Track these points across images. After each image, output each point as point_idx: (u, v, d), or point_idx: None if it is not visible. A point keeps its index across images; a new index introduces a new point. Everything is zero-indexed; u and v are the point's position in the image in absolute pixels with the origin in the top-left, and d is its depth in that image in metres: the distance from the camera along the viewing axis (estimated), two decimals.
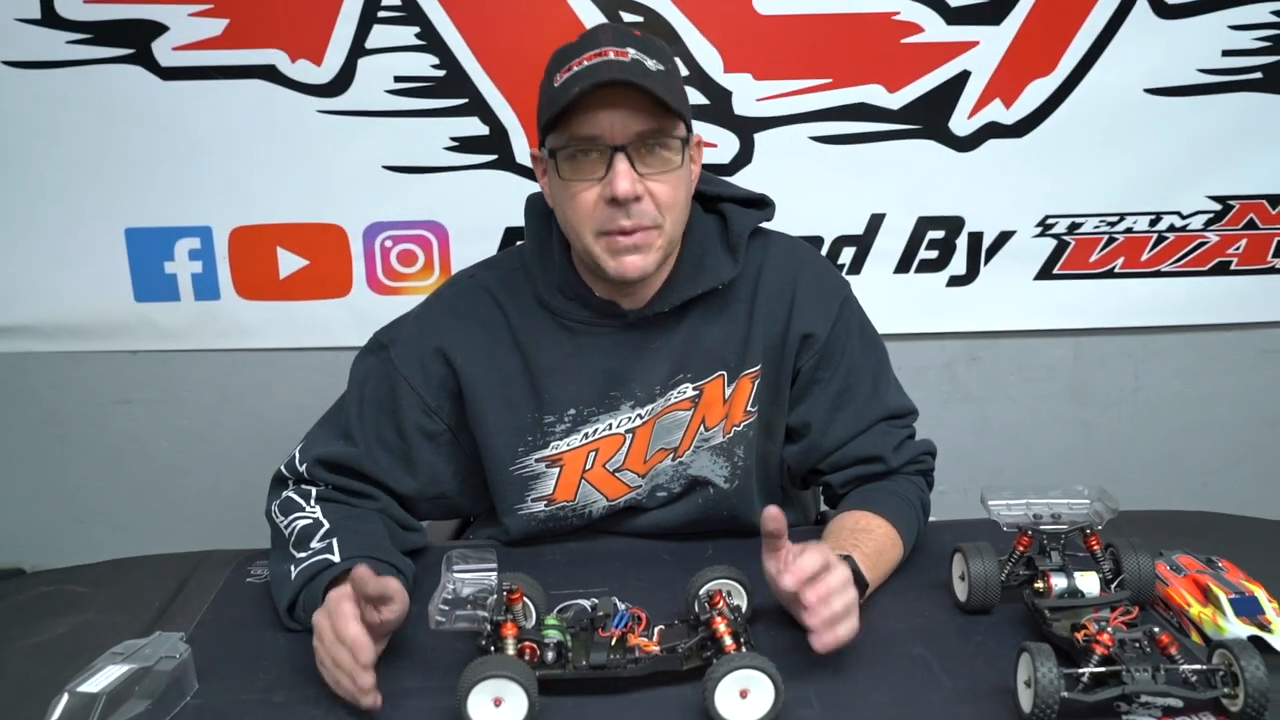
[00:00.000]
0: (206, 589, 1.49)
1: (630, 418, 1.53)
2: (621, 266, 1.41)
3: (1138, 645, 1.14)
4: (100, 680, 1.13)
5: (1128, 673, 1.10)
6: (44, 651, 1.34)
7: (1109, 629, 1.16)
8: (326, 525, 1.40)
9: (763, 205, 1.57)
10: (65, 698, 1.10)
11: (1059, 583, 1.29)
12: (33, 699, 1.17)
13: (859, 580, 1.30)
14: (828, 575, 1.21)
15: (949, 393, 2.51)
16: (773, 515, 1.21)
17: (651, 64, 1.37)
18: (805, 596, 1.18)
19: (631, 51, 1.37)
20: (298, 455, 1.52)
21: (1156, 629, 1.16)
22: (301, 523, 1.42)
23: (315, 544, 1.37)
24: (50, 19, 2.15)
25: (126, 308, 2.32)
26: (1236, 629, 1.24)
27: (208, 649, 1.28)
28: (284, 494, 1.49)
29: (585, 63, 1.35)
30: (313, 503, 1.46)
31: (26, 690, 1.23)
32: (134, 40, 2.16)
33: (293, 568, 1.36)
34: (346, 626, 1.16)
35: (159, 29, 2.15)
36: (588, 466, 1.55)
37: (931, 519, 1.59)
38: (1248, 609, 1.27)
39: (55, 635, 1.38)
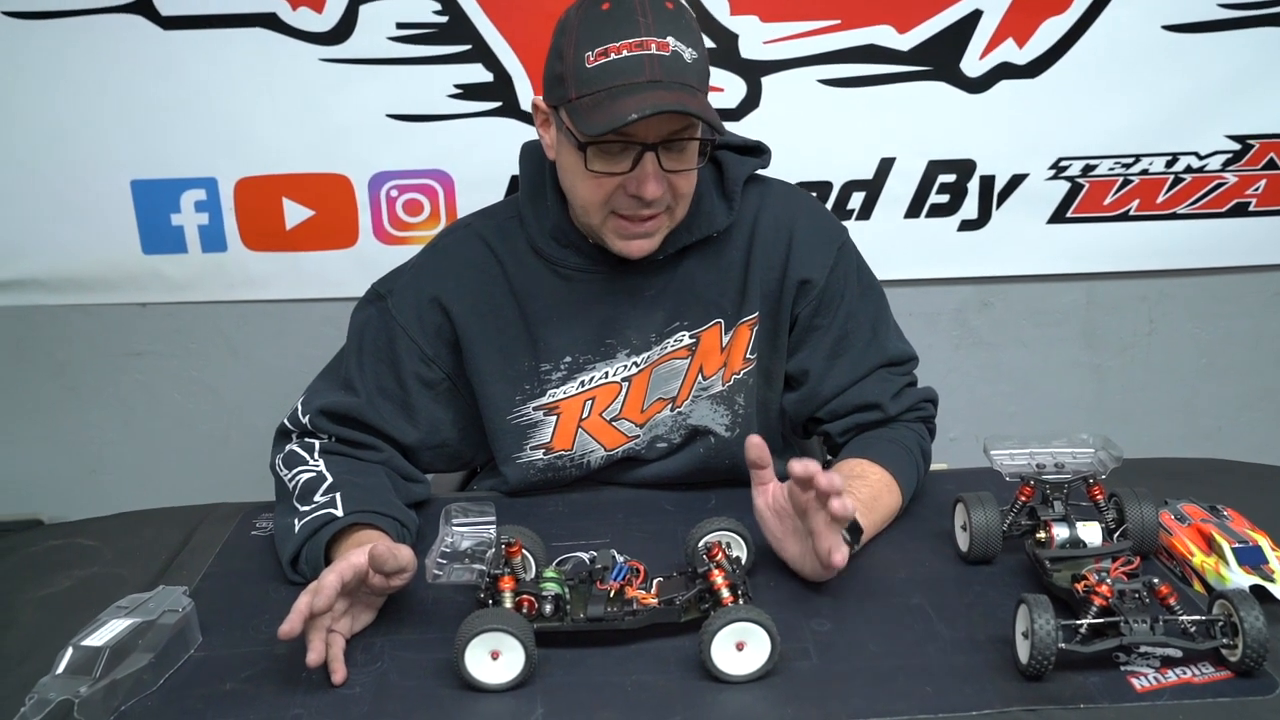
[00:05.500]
0: (212, 542, 1.50)
1: (626, 365, 1.53)
2: (628, 248, 1.43)
3: (1137, 596, 1.14)
4: (104, 634, 1.14)
5: (1126, 624, 1.10)
6: (52, 604, 1.36)
7: (1108, 580, 1.15)
8: (330, 479, 1.41)
9: (759, 152, 1.55)
10: (70, 651, 1.12)
11: (1061, 533, 1.28)
12: (40, 650, 1.20)
13: (855, 526, 1.30)
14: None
15: (960, 338, 2.49)
16: (755, 443, 1.23)
17: (687, 53, 1.33)
18: (819, 481, 1.18)
19: (671, 40, 1.31)
20: (300, 407, 1.53)
21: (1156, 580, 1.15)
22: (305, 476, 1.43)
23: (319, 498, 1.38)
24: None
25: (134, 260, 2.31)
26: (1239, 578, 1.23)
27: (212, 602, 1.30)
28: (288, 447, 1.50)
29: (625, 52, 1.30)
30: (316, 456, 1.47)
31: (35, 641, 1.26)
32: None
33: (296, 521, 1.37)
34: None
35: None
36: (584, 415, 1.54)
37: (935, 467, 1.59)
38: (1251, 558, 1.26)
39: (63, 588, 1.40)
